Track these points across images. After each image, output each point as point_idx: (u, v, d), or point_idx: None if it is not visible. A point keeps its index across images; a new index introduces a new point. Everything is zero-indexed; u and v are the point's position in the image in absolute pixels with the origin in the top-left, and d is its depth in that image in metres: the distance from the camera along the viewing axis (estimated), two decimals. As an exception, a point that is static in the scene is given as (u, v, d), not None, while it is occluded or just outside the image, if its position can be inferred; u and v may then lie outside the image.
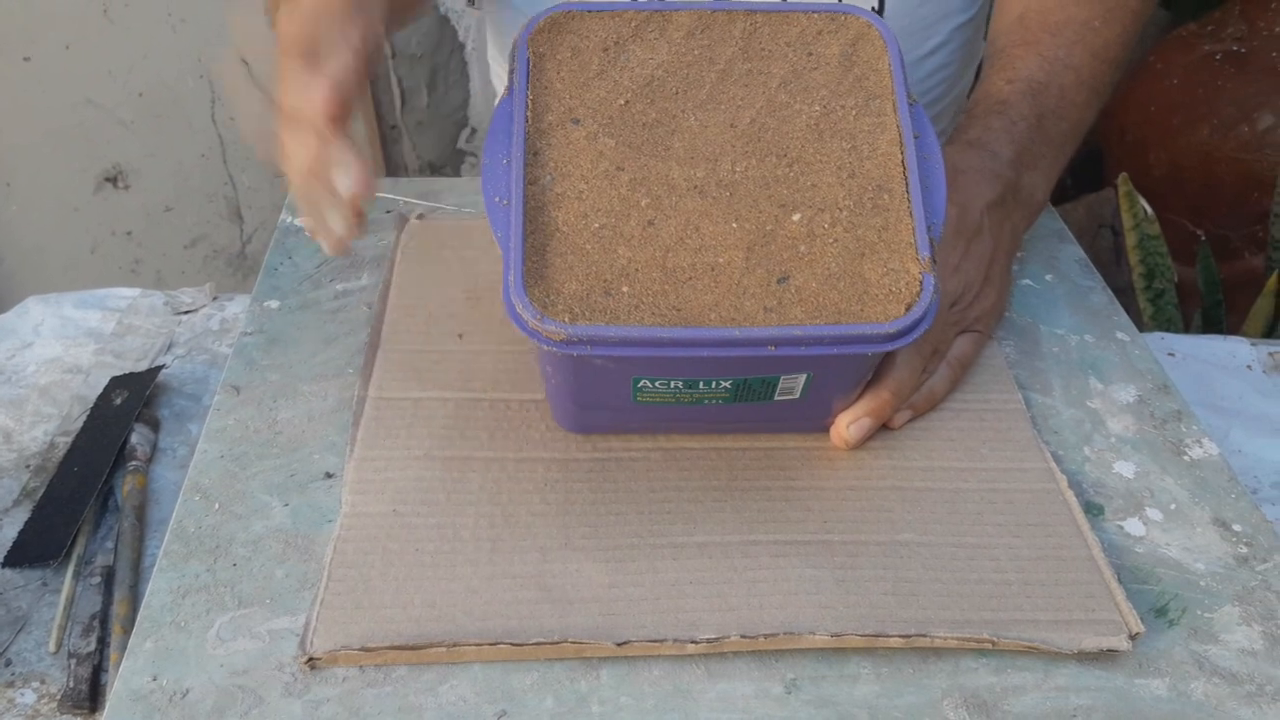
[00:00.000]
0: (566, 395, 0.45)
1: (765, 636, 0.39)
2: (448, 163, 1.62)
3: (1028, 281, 0.61)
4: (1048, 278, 0.61)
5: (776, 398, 0.44)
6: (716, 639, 0.39)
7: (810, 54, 0.45)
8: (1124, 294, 1.17)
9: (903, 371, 0.48)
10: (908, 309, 0.40)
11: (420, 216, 0.62)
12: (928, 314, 0.40)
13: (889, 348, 0.40)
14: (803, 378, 0.42)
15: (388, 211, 0.63)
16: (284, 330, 0.54)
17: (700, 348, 0.39)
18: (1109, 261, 1.48)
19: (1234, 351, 0.68)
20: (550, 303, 0.39)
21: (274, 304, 0.56)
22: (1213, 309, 1.17)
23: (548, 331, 0.38)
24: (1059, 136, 0.58)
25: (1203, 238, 1.31)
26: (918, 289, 0.40)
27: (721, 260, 0.41)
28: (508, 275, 0.39)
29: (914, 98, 0.45)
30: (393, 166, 1.58)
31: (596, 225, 0.41)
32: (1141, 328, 0.67)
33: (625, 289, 0.40)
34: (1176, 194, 1.46)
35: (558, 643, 0.39)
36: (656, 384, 0.42)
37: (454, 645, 0.39)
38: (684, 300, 0.40)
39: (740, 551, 0.43)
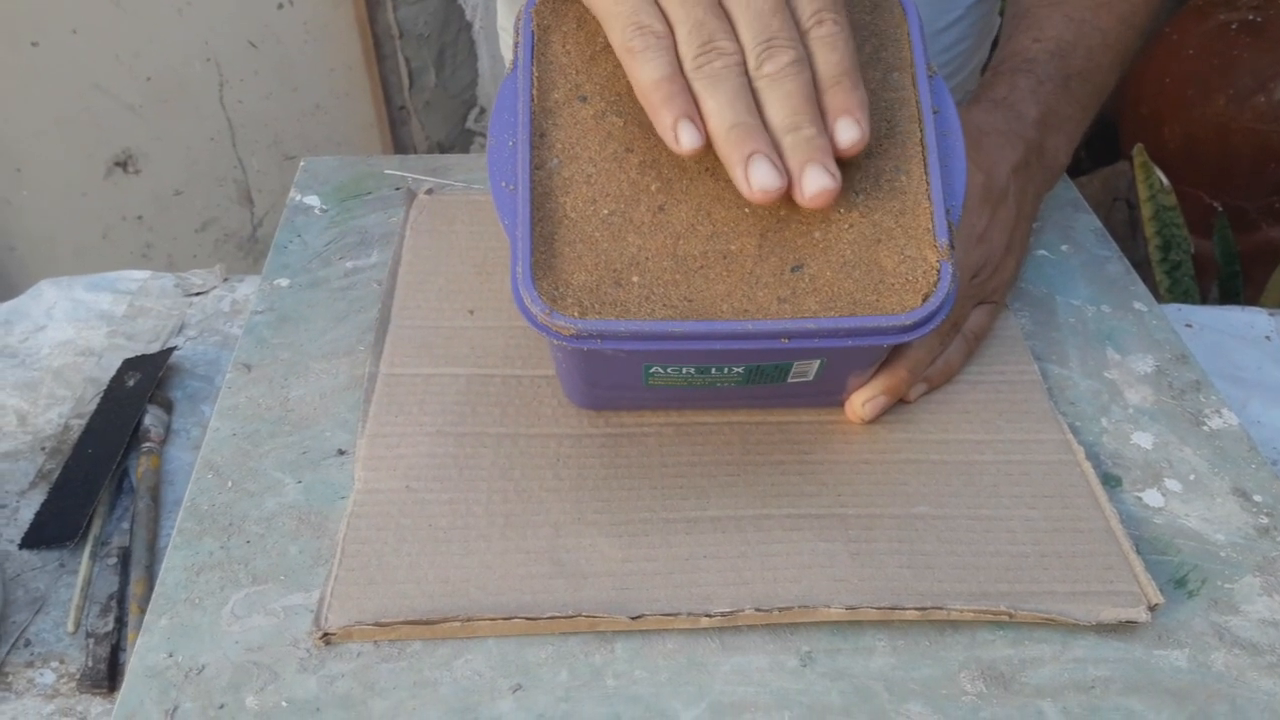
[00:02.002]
0: (577, 377, 0.45)
1: (780, 610, 0.39)
2: (456, 142, 1.62)
3: (1043, 252, 0.60)
4: (1064, 248, 0.61)
5: (790, 380, 0.43)
6: (731, 612, 0.39)
7: None
8: (1140, 267, 1.16)
9: (920, 349, 0.47)
10: (925, 299, 0.38)
11: (429, 192, 0.62)
12: (945, 304, 0.39)
13: (905, 339, 0.39)
14: (817, 362, 0.42)
15: (396, 188, 0.63)
16: (294, 308, 0.54)
17: (712, 341, 0.38)
18: (1124, 235, 1.46)
19: (1252, 322, 0.67)
20: (559, 296, 0.38)
21: (284, 282, 0.56)
22: (1230, 281, 1.16)
23: (557, 326, 0.37)
24: (1084, 98, 0.57)
25: (1220, 209, 1.30)
26: (935, 278, 0.39)
27: (734, 248, 0.39)
28: (515, 267, 0.38)
29: (934, 69, 0.43)
30: (401, 147, 1.58)
31: (606, 211, 0.40)
32: (1158, 300, 0.66)
33: (635, 279, 0.39)
34: (1192, 166, 1.44)
35: (572, 616, 0.39)
36: (668, 370, 0.41)
37: (468, 620, 0.39)
38: (695, 290, 0.39)
39: (754, 525, 0.43)
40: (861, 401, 0.47)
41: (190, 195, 1.54)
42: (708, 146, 0.38)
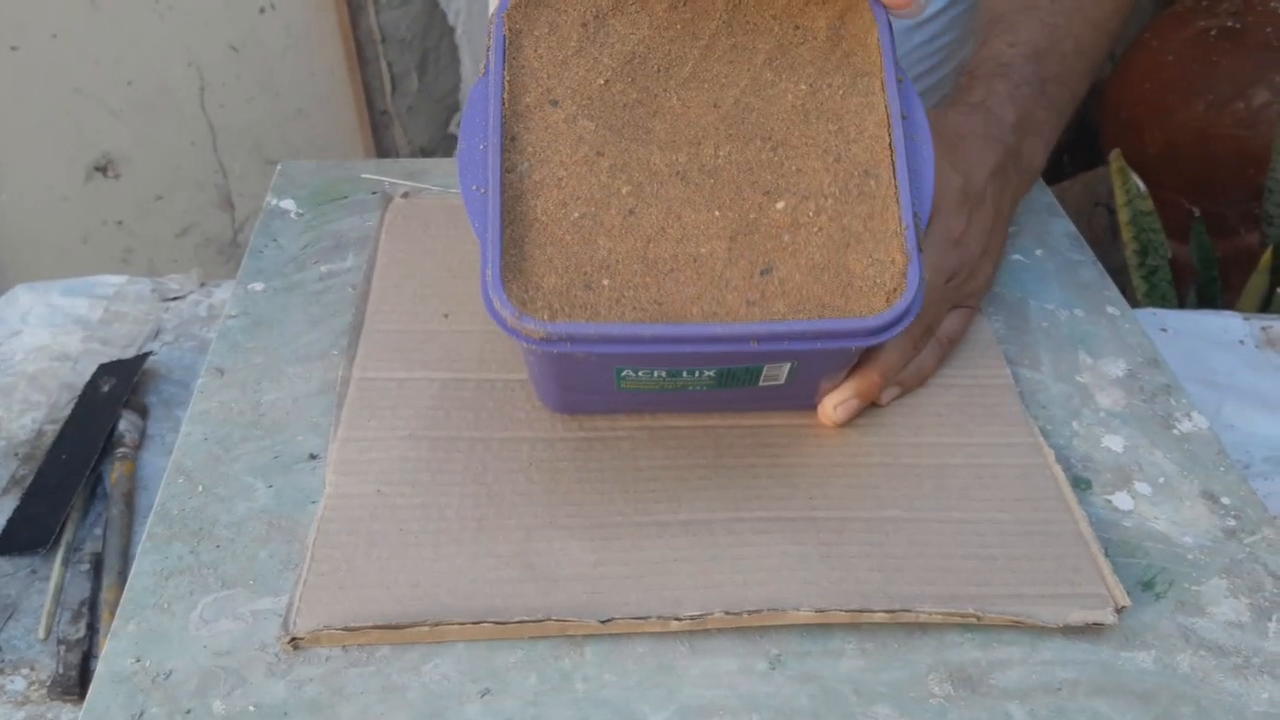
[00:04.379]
0: (549, 380, 0.45)
1: (749, 613, 0.39)
2: (439, 147, 1.62)
3: (1018, 256, 0.61)
4: (1038, 252, 0.61)
5: (761, 383, 0.43)
6: (700, 616, 0.39)
7: (797, 27, 0.44)
8: (1120, 273, 1.17)
9: (892, 353, 0.47)
10: (891, 302, 0.39)
11: (405, 196, 0.62)
12: (912, 308, 0.39)
13: (872, 342, 0.39)
14: (787, 365, 0.42)
15: (373, 193, 0.63)
16: (268, 313, 0.54)
17: (681, 344, 0.38)
18: (1105, 240, 1.47)
19: (1226, 326, 0.68)
20: (529, 299, 0.38)
21: (258, 286, 0.56)
22: (1207, 286, 1.17)
23: (527, 329, 0.38)
24: (1059, 103, 0.58)
25: (1197, 214, 1.31)
26: (902, 281, 0.39)
27: (704, 251, 0.40)
28: (485, 270, 0.38)
29: (902, 76, 0.44)
30: (383, 151, 1.58)
31: (576, 215, 0.40)
32: (1135, 305, 0.66)
33: (606, 282, 0.39)
34: (1172, 171, 1.45)
35: (541, 621, 0.39)
36: (640, 374, 0.41)
37: (437, 624, 0.38)
38: (665, 294, 0.39)
39: (725, 529, 0.43)
40: (834, 405, 0.47)
41: (171, 200, 1.53)
42: (667, 143, 0.39)
